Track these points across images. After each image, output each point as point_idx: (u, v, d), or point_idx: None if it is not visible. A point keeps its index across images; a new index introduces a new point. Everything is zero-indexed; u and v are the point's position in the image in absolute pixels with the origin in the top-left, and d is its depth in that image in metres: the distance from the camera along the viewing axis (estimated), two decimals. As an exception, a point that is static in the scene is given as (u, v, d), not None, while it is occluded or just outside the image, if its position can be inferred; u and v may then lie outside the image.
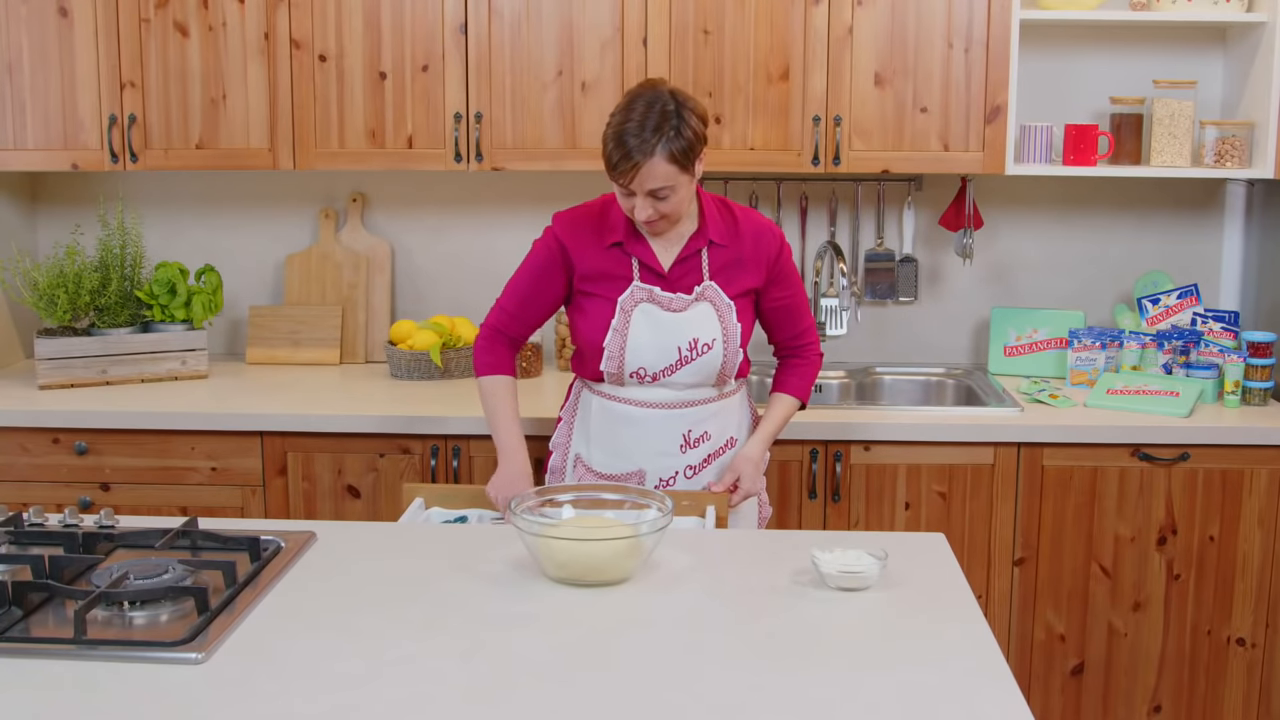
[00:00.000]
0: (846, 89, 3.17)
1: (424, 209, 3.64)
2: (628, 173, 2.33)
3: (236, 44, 3.24)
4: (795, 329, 2.65)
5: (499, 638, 1.76)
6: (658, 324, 2.49)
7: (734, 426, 2.62)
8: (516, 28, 3.19)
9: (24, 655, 1.69)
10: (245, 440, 3.06)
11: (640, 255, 2.50)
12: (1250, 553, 3.02)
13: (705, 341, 2.49)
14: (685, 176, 2.37)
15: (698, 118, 2.38)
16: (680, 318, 2.49)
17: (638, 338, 2.49)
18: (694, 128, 2.36)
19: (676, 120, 2.33)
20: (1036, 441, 2.99)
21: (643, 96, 2.36)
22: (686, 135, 2.34)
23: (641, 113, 2.33)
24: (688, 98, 2.39)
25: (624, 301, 2.49)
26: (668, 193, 2.37)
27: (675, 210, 2.41)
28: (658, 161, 2.32)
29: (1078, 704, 3.10)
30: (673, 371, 2.50)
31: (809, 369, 2.68)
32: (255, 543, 2.04)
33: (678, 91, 2.39)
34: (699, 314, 2.50)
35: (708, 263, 2.52)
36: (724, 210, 2.56)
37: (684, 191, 2.40)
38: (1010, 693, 1.60)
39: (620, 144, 2.33)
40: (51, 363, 3.23)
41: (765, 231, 2.57)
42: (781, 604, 1.88)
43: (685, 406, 2.53)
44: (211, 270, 3.46)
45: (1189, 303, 3.36)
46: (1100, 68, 3.46)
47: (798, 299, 2.63)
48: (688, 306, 2.50)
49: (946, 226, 3.49)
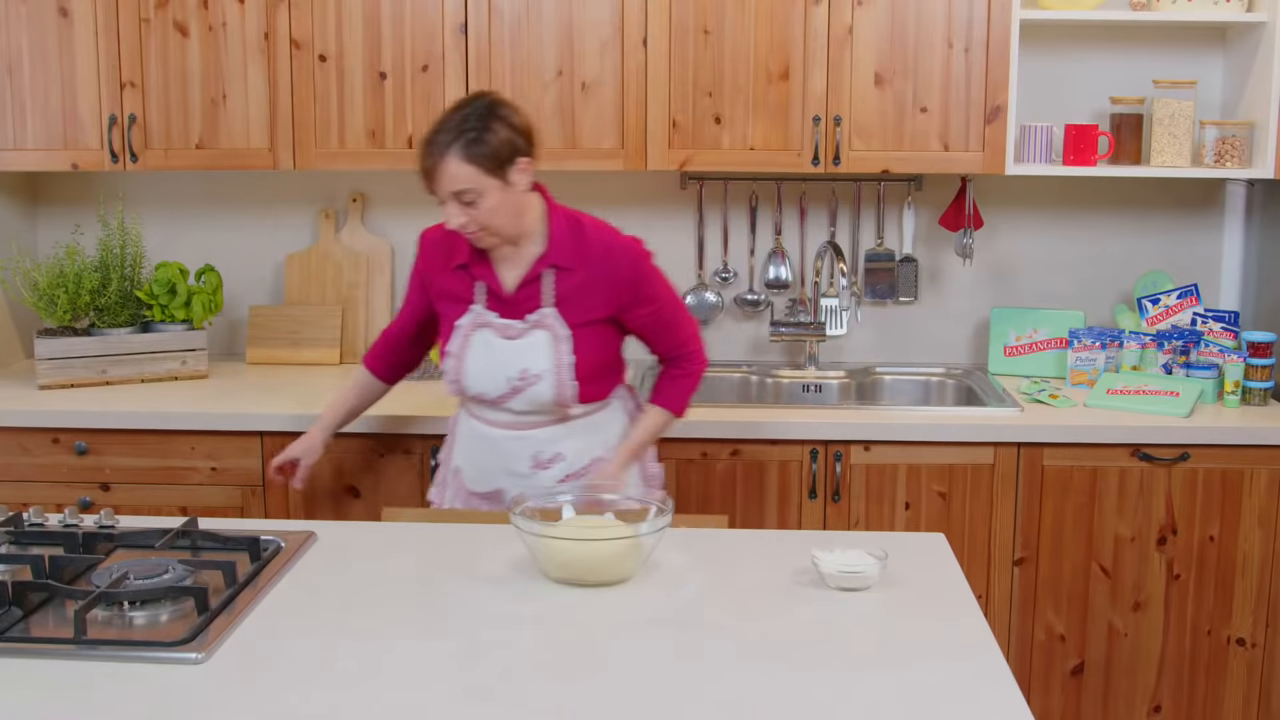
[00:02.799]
0: (846, 89, 3.17)
1: (424, 209, 3.63)
2: (428, 174, 2.31)
3: (236, 44, 3.24)
4: (670, 341, 2.55)
5: (499, 638, 1.76)
6: (491, 351, 2.44)
7: (600, 445, 2.53)
8: (516, 27, 3.19)
9: (24, 655, 1.69)
10: (245, 440, 3.05)
11: (483, 278, 2.45)
12: (1250, 553, 3.02)
13: (535, 372, 2.42)
14: (492, 182, 2.30)
15: (511, 127, 2.32)
16: (512, 346, 2.43)
17: (473, 364, 2.46)
18: (501, 134, 2.30)
19: (478, 122, 2.29)
20: (1036, 441, 2.99)
21: (460, 102, 2.36)
22: (489, 140, 2.28)
23: (447, 115, 2.32)
24: (505, 105, 2.35)
25: (463, 325, 2.46)
26: (474, 198, 2.30)
27: (491, 221, 2.33)
28: (453, 161, 2.27)
29: (1078, 704, 3.10)
30: (507, 400, 2.46)
31: (686, 380, 2.57)
32: (255, 543, 2.04)
33: (500, 101, 2.36)
34: (532, 343, 2.42)
35: (552, 287, 2.43)
36: (575, 230, 2.45)
37: (494, 199, 2.31)
38: (1010, 693, 1.60)
39: (422, 145, 2.32)
40: (51, 363, 3.23)
41: (617, 251, 2.45)
42: (781, 604, 1.88)
43: (531, 428, 2.48)
44: (211, 270, 3.46)
45: (1189, 303, 3.36)
46: (1100, 68, 3.46)
47: (667, 312, 2.52)
48: (521, 335, 2.43)
49: (946, 226, 3.49)
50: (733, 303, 3.63)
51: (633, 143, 3.21)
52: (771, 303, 3.61)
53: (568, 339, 2.42)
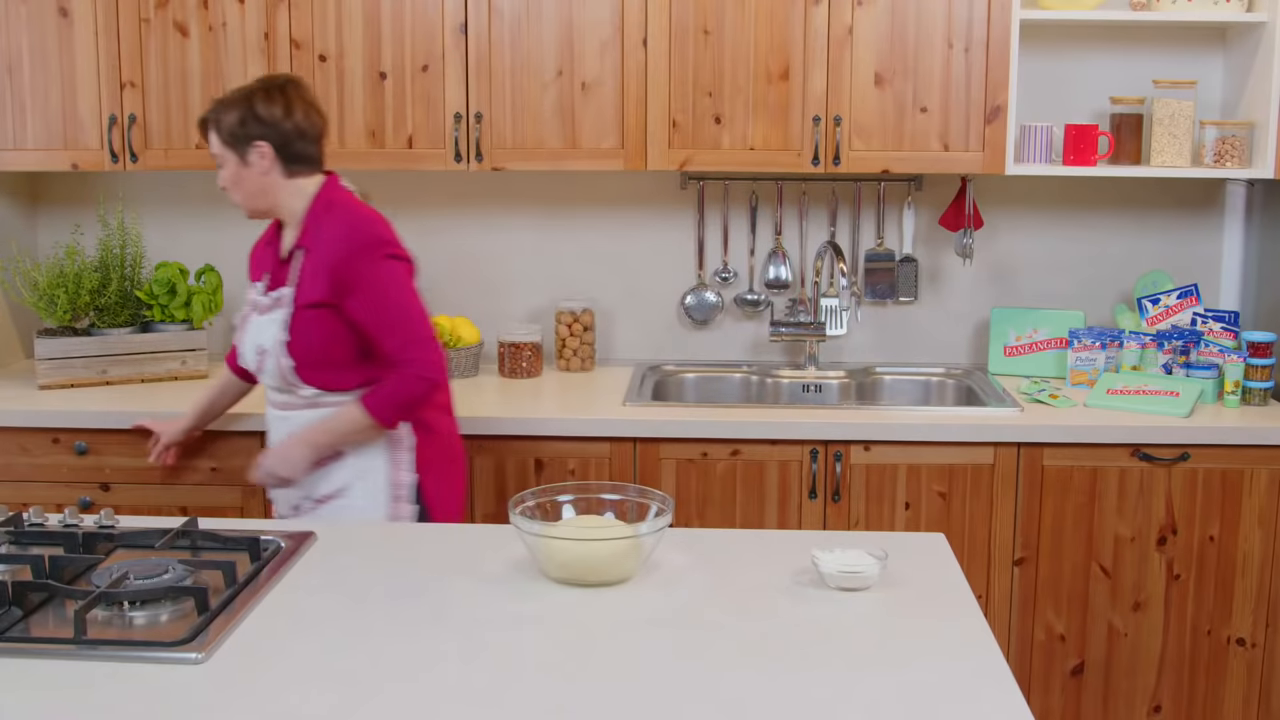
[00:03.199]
0: (846, 89, 3.17)
1: (424, 209, 3.64)
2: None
3: (236, 44, 3.24)
4: (389, 344, 2.49)
5: (499, 638, 1.76)
6: (246, 326, 2.61)
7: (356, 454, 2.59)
8: (516, 27, 3.19)
9: (24, 655, 1.69)
10: (245, 440, 3.05)
11: (260, 257, 2.66)
12: (1250, 553, 3.02)
13: (264, 348, 2.55)
14: (230, 155, 2.51)
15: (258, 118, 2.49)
16: (254, 323, 2.59)
17: (239, 337, 2.66)
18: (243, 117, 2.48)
19: (242, 102, 2.49)
20: (1036, 441, 2.99)
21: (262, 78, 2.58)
22: (229, 118, 2.49)
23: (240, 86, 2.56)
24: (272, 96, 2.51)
25: (245, 300, 2.66)
26: (221, 162, 2.53)
27: (231, 186, 2.54)
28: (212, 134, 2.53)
29: (1078, 704, 3.10)
30: (260, 375, 2.61)
31: (396, 386, 2.48)
32: (255, 543, 2.04)
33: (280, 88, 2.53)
34: (267, 320, 2.55)
35: (299, 269, 2.54)
36: (326, 212, 2.55)
37: (231, 170, 2.52)
38: (1010, 693, 1.60)
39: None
40: (51, 363, 3.22)
41: (343, 233, 2.49)
42: (781, 604, 1.88)
43: (287, 409, 2.60)
44: (211, 270, 3.46)
45: (1189, 303, 3.36)
46: (1100, 68, 3.46)
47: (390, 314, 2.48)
48: (266, 311, 2.57)
49: (946, 226, 3.49)
50: (733, 303, 3.62)
51: (633, 143, 3.21)
52: (771, 303, 3.61)
53: (284, 319, 2.52)
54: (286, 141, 2.51)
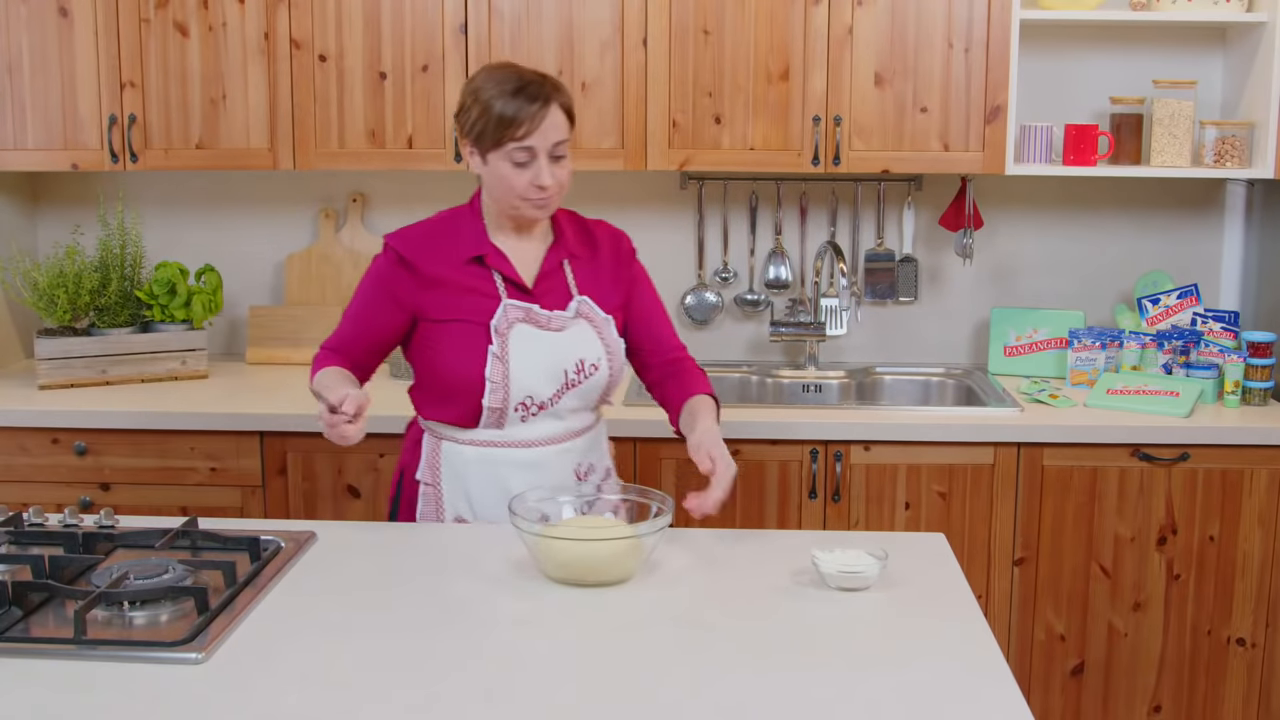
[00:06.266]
0: (846, 89, 3.17)
1: (424, 209, 3.63)
2: (534, 117, 2.12)
3: (236, 44, 3.24)
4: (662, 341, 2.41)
5: (499, 638, 1.76)
6: (540, 345, 2.23)
7: (605, 452, 2.43)
8: (516, 28, 3.19)
9: (24, 655, 1.69)
10: (245, 440, 3.06)
11: (503, 270, 2.25)
12: (1250, 553, 3.02)
13: (591, 362, 2.26)
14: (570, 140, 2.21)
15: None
16: (562, 337, 2.25)
17: (521, 362, 2.21)
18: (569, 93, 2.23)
19: (553, 80, 2.20)
20: (1036, 441, 2.99)
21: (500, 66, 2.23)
22: (566, 91, 2.21)
23: (516, 70, 2.19)
24: None
25: (498, 324, 2.21)
26: (564, 150, 2.18)
27: (566, 180, 2.22)
28: (555, 109, 2.15)
29: (1078, 704, 3.10)
30: (559, 398, 2.26)
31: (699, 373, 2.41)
32: (255, 543, 2.04)
33: None
34: (580, 332, 2.27)
35: (573, 277, 2.31)
36: (575, 220, 2.38)
37: (570, 160, 2.23)
38: (1010, 693, 1.60)
39: (519, 92, 2.13)
40: (51, 363, 3.23)
41: (620, 239, 2.41)
42: (781, 604, 1.88)
43: (573, 437, 2.31)
44: (211, 270, 3.46)
45: (1189, 303, 3.36)
46: (1100, 68, 3.46)
47: (660, 306, 2.44)
48: (566, 325, 2.26)
49: (946, 226, 3.49)
50: (733, 303, 3.63)
51: (633, 143, 3.21)
52: (771, 303, 3.61)
53: (609, 324, 2.30)
54: None
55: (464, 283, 2.24)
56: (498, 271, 2.25)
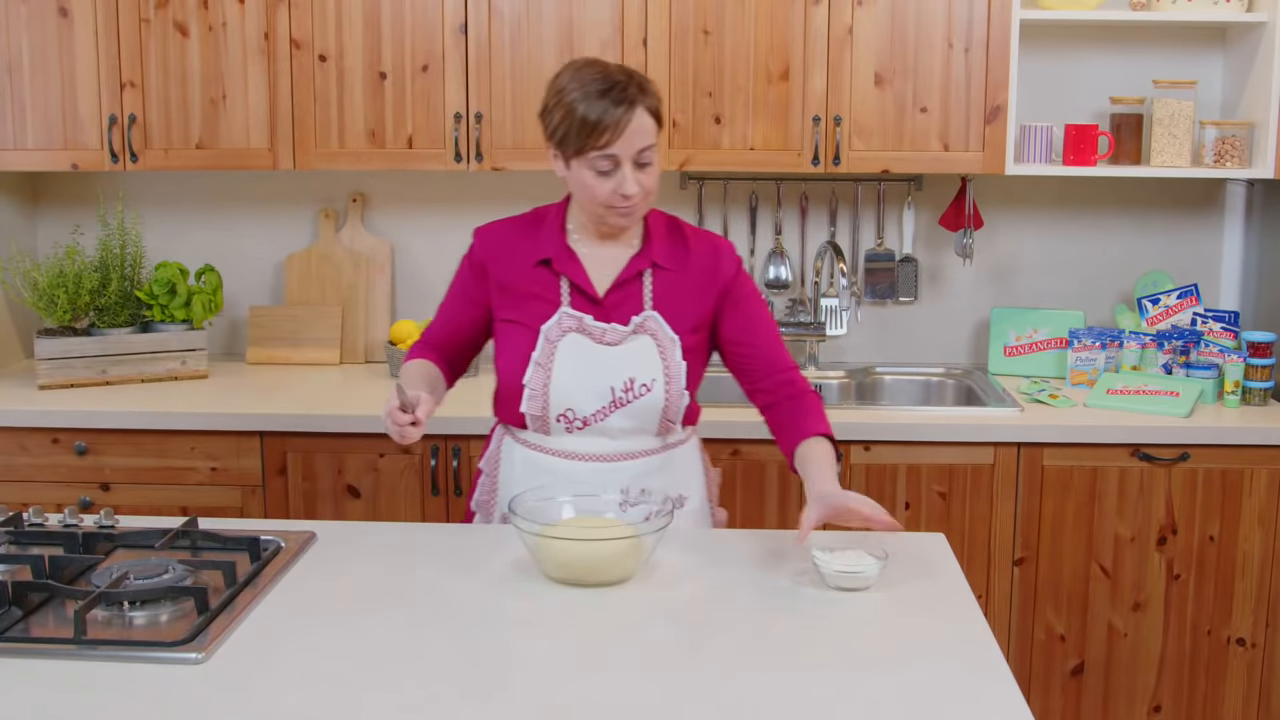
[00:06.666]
0: (846, 89, 3.17)
1: (424, 209, 3.64)
2: (617, 124, 2.02)
3: (236, 44, 3.24)
4: (772, 366, 2.23)
5: (499, 638, 1.76)
6: (588, 358, 2.15)
7: (683, 482, 2.27)
8: (516, 28, 3.19)
9: (24, 655, 1.69)
10: (245, 440, 3.05)
11: (572, 276, 2.17)
12: (1250, 553, 3.02)
13: (643, 381, 2.15)
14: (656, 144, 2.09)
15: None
16: (614, 352, 2.15)
17: (564, 373, 2.15)
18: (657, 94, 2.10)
19: (641, 79, 2.08)
20: (1036, 441, 2.99)
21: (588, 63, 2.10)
22: (654, 92, 2.08)
23: (603, 69, 2.07)
24: None
25: (549, 330, 2.15)
26: (650, 156, 2.07)
27: (654, 185, 2.10)
28: (642, 113, 2.04)
29: (1078, 704, 3.10)
30: (604, 415, 2.16)
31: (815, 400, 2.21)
32: (255, 543, 2.04)
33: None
34: (636, 349, 2.16)
35: (650, 289, 2.19)
36: (672, 228, 2.23)
37: (658, 164, 2.11)
38: (1010, 693, 1.60)
39: (604, 95, 2.02)
40: (51, 363, 3.22)
41: (721, 250, 2.23)
42: (781, 604, 1.88)
43: (625, 459, 2.19)
44: (211, 270, 3.46)
45: (1189, 303, 3.36)
46: (1100, 68, 3.46)
47: (769, 324, 2.26)
48: (623, 340, 2.16)
49: (946, 226, 3.49)
50: (733, 303, 3.62)
51: (633, 143, 3.20)
52: (772, 303, 3.61)
53: (675, 344, 2.17)
54: None
55: (529, 286, 2.19)
56: (565, 277, 2.18)
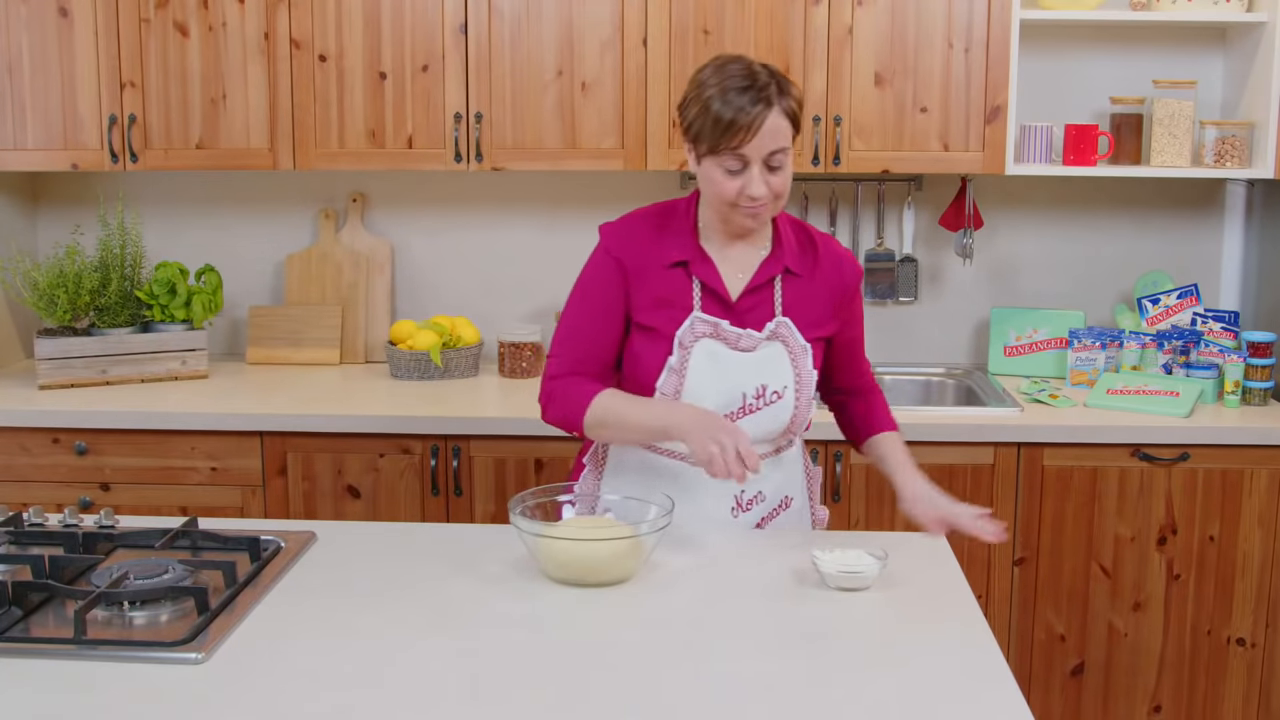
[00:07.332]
0: (846, 89, 3.17)
1: (424, 209, 3.64)
2: (751, 125, 1.96)
3: (236, 44, 3.24)
4: (858, 368, 2.32)
5: (499, 638, 1.76)
6: (721, 365, 2.10)
7: (791, 483, 2.25)
8: (516, 28, 3.19)
9: (24, 655, 1.69)
10: (245, 440, 3.05)
11: (706, 279, 2.11)
12: (1250, 553, 3.02)
13: (775, 389, 2.12)
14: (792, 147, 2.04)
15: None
16: (748, 359, 2.11)
17: (697, 379, 2.10)
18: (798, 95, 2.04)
19: (782, 79, 2.02)
20: (1036, 441, 2.99)
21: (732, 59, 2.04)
22: (794, 94, 2.02)
23: (745, 67, 2.01)
24: None
25: (683, 336, 2.10)
26: (782, 159, 2.01)
27: (784, 189, 2.04)
28: (778, 115, 1.99)
29: (1078, 704, 3.10)
30: (732, 421, 2.09)
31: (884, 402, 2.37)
32: (255, 543, 2.04)
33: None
34: (769, 356, 2.12)
35: (780, 295, 2.15)
36: (801, 234, 2.19)
37: (791, 167, 2.04)
38: (1010, 693, 1.60)
39: (741, 93, 1.97)
40: (51, 363, 3.22)
41: (846, 262, 2.21)
42: (781, 604, 1.88)
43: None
44: (211, 270, 3.46)
45: (1189, 303, 3.36)
46: (1100, 68, 3.46)
47: (862, 339, 2.32)
48: (757, 346, 2.12)
49: (946, 226, 3.49)
50: (733, 303, 3.62)
51: (633, 143, 3.21)
52: (771, 303, 3.60)
53: (806, 353, 2.14)
54: None
55: (663, 288, 2.12)
56: (699, 280, 2.12)
